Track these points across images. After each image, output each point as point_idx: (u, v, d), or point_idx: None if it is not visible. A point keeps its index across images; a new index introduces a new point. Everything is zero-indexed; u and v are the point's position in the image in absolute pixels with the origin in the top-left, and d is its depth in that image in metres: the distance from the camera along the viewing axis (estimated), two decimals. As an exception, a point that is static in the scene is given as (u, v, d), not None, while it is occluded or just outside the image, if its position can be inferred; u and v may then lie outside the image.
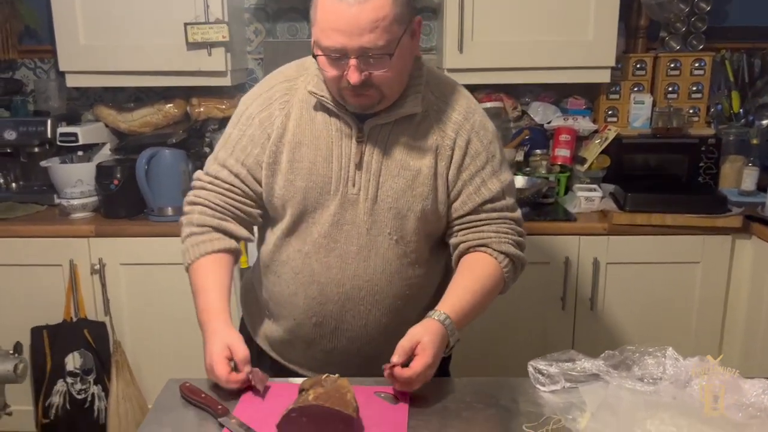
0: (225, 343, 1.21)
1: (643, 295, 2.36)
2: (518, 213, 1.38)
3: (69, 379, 2.40)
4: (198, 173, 1.41)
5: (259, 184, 1.35)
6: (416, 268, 1.36)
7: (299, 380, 1.26)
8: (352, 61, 1.18)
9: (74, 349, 2.39)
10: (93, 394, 2.41)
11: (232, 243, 1.35)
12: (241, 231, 1.37)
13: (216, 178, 1.36)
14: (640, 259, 2.33)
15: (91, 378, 2.41)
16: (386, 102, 1.27)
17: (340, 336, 1.36)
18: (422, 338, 1.18)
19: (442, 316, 1.22)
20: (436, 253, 1.41)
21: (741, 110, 2.66)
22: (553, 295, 2.36)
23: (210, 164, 1.39)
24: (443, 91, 1.36)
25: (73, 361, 2.40)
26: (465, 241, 1.34)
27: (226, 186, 1.36)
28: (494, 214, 1.34)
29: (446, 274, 1.47)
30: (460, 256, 1.35)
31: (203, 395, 1.17)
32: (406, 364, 1.17)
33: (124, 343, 2.43)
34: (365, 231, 1.31)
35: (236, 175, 1.35)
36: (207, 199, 1.36)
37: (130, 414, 2.41)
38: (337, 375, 1.17)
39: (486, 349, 2.35)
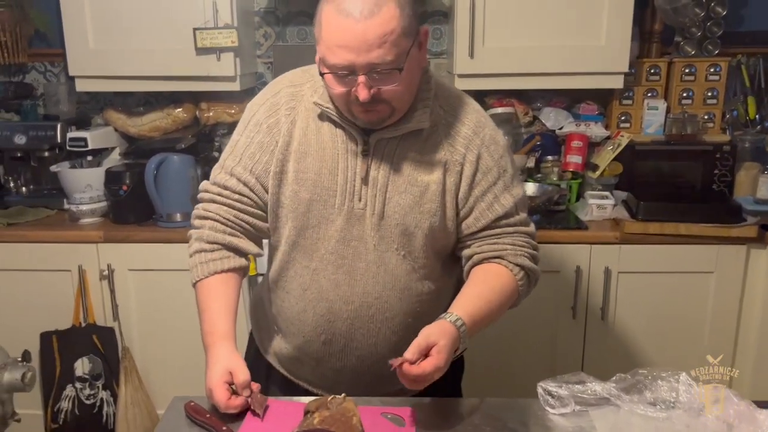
0: (226, 368, 1.19)
1: (654, 305, 2.33)
2: (532, 227, 1.36)
3: (78, 385, 2.41)
4: (205, 184, 1.38)
5: (267, 193, 1.33)
6: (427, 284, 1.34)
7: (304, 399, 1.26)
8: (361, 78, 1.15)
9: (83, 354, 2.40)
10: (102, 400, 2.42)
11: (241, 261, 1.34)
12: (251, 247, 1.35)
13: (224, 188, 1.34)
14: (653, 269, 2.30)
15: (99, 383, 2.42)
16: (397, 115, 1.24)
17: (350, 354, 1.34)
18: (439, 341, 1.14)
19: (458, 321, 1.18)
20: (447, 268, 1.39)
21: (757, 116, 2.61)
22: (564, 304, 2.33)
23: (217, 173, 1.36)
24: (452, 104, 1.33)
25: (82, 367, 2.41)
26: (479, 253, 1.31)
27: (236, 197, 1.33)
28: (509, 229, 1.32)
29: (457, 291, 1.45)
30: (472, 267, 1.33)
31: (208, 415, 1.16)
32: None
33: (133, 348, 2.43)
34: (372, 247, 1.29)
35: (245, 184, 1.32)
36: (217, 213, 1.33)
37: (139, 419, 2.41)
38: (343, 395, 1.16)
39: (495, 357, 2.32)
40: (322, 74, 1.20)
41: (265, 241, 1.42)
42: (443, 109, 1.31)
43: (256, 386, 1.21)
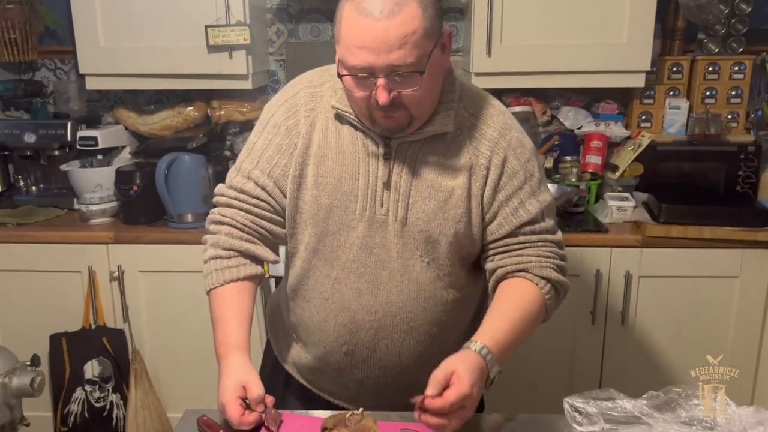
0: (239, 382, 1.15)
1: (676, 310, 2.27)
2: (559, 235, 1.30)
3: (88, 387, 2.37)
4: (221, 188, 1.33)
5: (286, 197, 1.28)
6: (452, 292, 1.29)
7: (319, 413, 1.21)
8: (380, 81, 1.10)
9: (93, 356, 2.37)
10: (112, 402, 2.39)
11: (257, 269, 1.29)
12: (269, 254, 1.30)
13: (242, 192, 1.29)
14: (675, 273, 2.24)
15: (109, 386, 2.38)
16: (416, 124, 1.19)
17: (373, 365, 1.30)
18: (457, 367, 1.07)
19: (480, 347, 1.13)
20: (472, 275, 1.33)
21: (782, 116, 2.54)
22: (583, 308, 2.28)
23: (233, 177, 1.31)
24: (477, 106, 1.28)
25: (91, 369, 2.37)
26: (503, 266, 1.26)
27: (253, 201, 1.28)
28: (534, 237, 1.26)
29: (483, 299, 1.40)
30: (497, 282, 1.27)
31: (221, 431, 1.12)
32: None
33: (143, 351, 2.40)
34: (396, 254, 1.24)
35: (263, 188, 1.27)
36: (234, 218, 1.28)
37: (149, 422, 2.38)
38: (361, 410, 1.11)
39: (513, 362, 2.25)
40: (340, 76, 1.15)
41: (281, 247, 1.38)
42: (468, 111, 1.26)
43: (270, 400, 1.16)
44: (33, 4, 2.60)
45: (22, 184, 2.71)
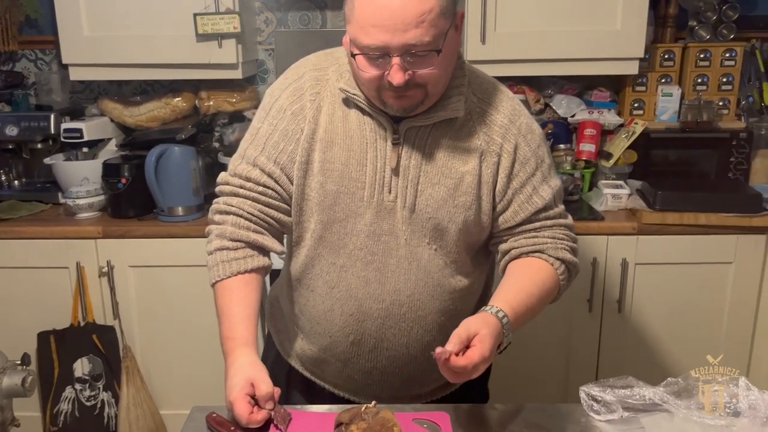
0: (247, 379, 1.11)
1: (672, 296, 2.28)
2: (570, 219, 1.30)
3: (78, 386, 2.32)
4: (224, 176, 1.29)
5: (293, 184, 1.24)
6: (460, 279, 1.27)
7: (327, 408, 1.19)
8: (396, 60, 1.07)
9: (83, 354, 2.31)
10: (103, 401, 2.34)
11: (265, 260, 1.25)
12: (276, 245, 1.26)
13: (247, 180, 1.24)
14: (671, 260, 2.24)
15: (100, 384, 2.33)
16: (429, 102, 1.16)
17: (380, 355, 1.27)
18: (480, 330, 1.06)
19: (500, 313, 1.11)
20: (477, 262, 1.32)
21: (773, 103, 2.56)
22: (580, 296, 2.27)
23: (237, 164, 1.26)
24: (486, 91, 1.25)
25: (81, 367, 2.32)
26: (518, 247, 1.25)
27: (260, 189, 1.24)
28: (549, 222, 1.25)
29: (487, 287, 1.38)
30: (510, 261, 1.26)
31: (232, 428, 1.09)
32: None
33: (134, 347, 2.35)
34: (404, 242, 1.21)
35: (269, 175, 1.23)
36: (240, 207, 1.24)
37: (141, 420, 2.33)
38: (374, 403, 1.08)
39: (511, 351, 2.26)
40: (353, 55, 1.11)
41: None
42: (477, 97, 1.24)
43: (276, 392, 1.13)
44: (13, -7, 2.53)
45: (3, 178, 2.63)
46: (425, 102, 1.15)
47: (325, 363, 1.33)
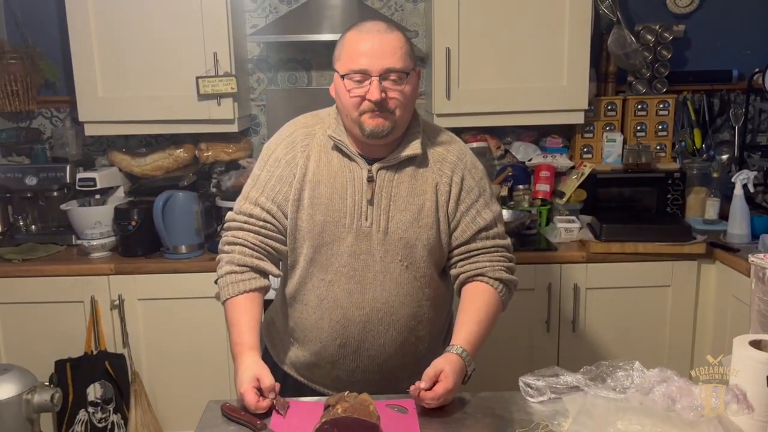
0: (254, 375, 1.39)
1: (619, 316, 2.58)
2: (508, 240, 1.60)
3: (90, 409, 2.55)
4: (230, 215, 1.59)
5: (287, 218, 1.54)
6: (427, 291, 1.56)
7: (321, 398, 1.46)
8: (374, 80, 1.41)
9: (95, 380, 2.55)
10: (113, 423, 2.57)
11: (265, 282, 1.54)
12: (274, 269, 1.55)
13: (250, 216, 1.54)
14: (616, 284, 2.55)
15: (111, 407, 2.57)
16: (396, 131, 1.48)
17: (362, 355, 1.55)
18: (444, 367, 1.37)
19: (460, 350, 1.43)
20: (443, 276, 1.62)
21: (703, 146, 2.92)
22: (538, 318, 2.57)
23: (241, 204, 1.57)
24: (437, 136, 1.59)
25: (94, 392, 2.56)
26: (464, 272, 1.55)
27: (260, 223, 1.54)
28: (488, 242, 1.55)
29: (452, 298, 1.68)
30: (461, 286, 1.56)
31: (243, 413, 1.37)
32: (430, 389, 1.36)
33: (142, 373, 2.60)
34: (379, 259, 1.51)
35: (268, 212, 1.53)
36: (245, 239, 1.54)
37: (148, 440, 2.57)
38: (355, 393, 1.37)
39: (481, 366, 2.50)
40: (343, 77, 1.44)
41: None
42: (430, 141, 1.57)
43: (277, 386, 1.41)
44: (33, 59, 2.85)
45: (22, 223, 2.90)
46: (393, 131, 1.47)
47: (316, 366, 1.61)
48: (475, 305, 1.52)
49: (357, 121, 1.46)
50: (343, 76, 1.45)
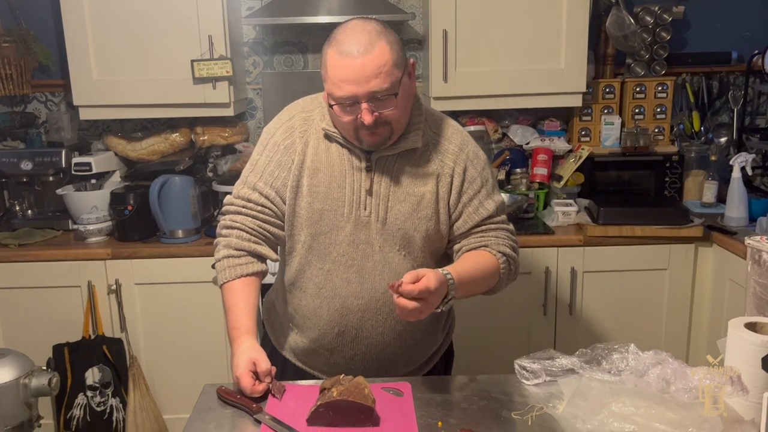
0: (250, 359, 1.39)
1: (616, 300, 2.59)
2: (511, 227, 1.59)
3: (89, 393, 2.57)
4: (229, 198, 1.57)
5: (285, 204, 1.52)
6: None
7: (317, 382, 1.46)
8: (364, 105, 1.37)
9: (93, 364, 2.56)
10: (111, 406, 2.58)
11: (262, 266, 1.54)
12: (271, 253, 1.55)
13: (248, 201, 1.53)
14: (613, 268, 2.56)
15: (109, 391, 2.58)
16: (395, 135, 1.46)
17: (360, 344, 1.55)
18: (427, 272, 1.30)
19: (446, 272, 1.36)
20: (441, 265, 1.60)
21: (701, 129, 2.91)
22: (535, 302, 2.58)
23: (239, 188, 1.55)
24: (439, 126, 1.56)
25: (92, 376, 2.57)
26: (467, 245, 1.53)
27: (258, 208, 1.52)
28: (492, 226, 1.54)
29: None
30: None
31: (238, 396, 1.37)
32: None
33: (140, 357, 2.61)
34: (378, 249, 1.50)
35: (266, 197, 1.52)
36: (243, 223, 1.53)
37: (147, 423, 2.58)
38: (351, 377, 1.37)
39: (478, 350, 2.55)
40: (330, 106, 1.41)
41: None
42: (432, 131, 1.54)
43: (273, 370, 1.41)
44: (27, 42, 2.83)
45: (17, 208, 2.89)
46: (392, 136, 1.46)
47: (314, 353, 1.61)
48: (473, 258, 1.50)
49: (355, 137, 1.45)
50: (331, 105, 1.41)
